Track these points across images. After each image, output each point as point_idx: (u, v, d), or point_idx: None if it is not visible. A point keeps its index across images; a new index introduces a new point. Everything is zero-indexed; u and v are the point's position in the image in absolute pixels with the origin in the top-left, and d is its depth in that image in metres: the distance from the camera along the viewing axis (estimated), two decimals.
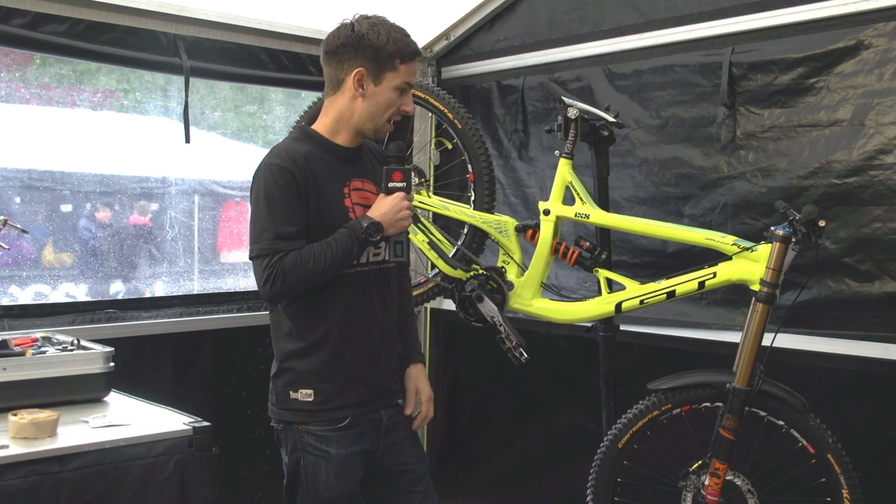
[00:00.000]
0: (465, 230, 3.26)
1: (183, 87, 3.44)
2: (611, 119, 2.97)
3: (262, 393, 2.44)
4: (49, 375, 2.45)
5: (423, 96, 3.23)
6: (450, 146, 3.66)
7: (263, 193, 2.20)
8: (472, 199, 3.22)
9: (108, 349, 2.58)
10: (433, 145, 4.04)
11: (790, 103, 3.12)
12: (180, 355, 3.56)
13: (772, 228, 2.56)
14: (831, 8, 2.99)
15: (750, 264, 2.62)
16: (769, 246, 2.56)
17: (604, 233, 3.06)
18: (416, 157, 4.07)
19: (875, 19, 2.92)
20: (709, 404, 2.70)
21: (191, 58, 3.45)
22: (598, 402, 3.22)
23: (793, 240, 2.53)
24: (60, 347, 2.62)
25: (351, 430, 2.31)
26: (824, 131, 3.04)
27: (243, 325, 3.74)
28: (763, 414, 2.63)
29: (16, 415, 2.14)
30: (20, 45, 3.18)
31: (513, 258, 3.11)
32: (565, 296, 3.13)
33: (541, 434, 3.96)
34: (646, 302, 2.82)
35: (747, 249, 2.64)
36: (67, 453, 2.06)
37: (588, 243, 2.98)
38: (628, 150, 3.53)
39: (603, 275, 2.95)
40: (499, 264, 3.14)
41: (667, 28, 3.41)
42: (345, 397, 2.30)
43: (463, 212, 3.22)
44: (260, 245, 2.18)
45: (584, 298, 3.06)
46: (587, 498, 2.87)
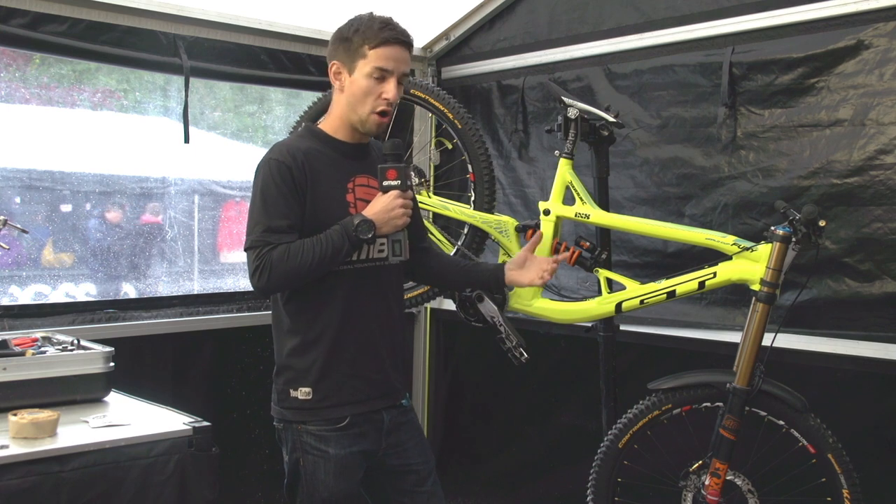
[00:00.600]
0: (465, 230, 3.26)
1: (183, 87, 3.44)
2: (611, 119, 2.97)
3: (261, 393, 2.45)
4: (49, 375, 2.44)
5: (423, 96, 3.23)
6: (450, 146, 3.66)
7: (260, 187, 2.24)
8: (472, 199, 3.22)
9: (108, 349, 2.58)
10: (433, 145, 4.04)
11: (791, 103, 3.12)
12: (180, 355, 3.56)
13: (772, 228, 2.56)
14: (831, 8, 2.99)
15: (750, 264, 2.62)
16: (769, 246, 2.56)
17: (604, 233, 3.06)
18: (416, 157, 4.07)
19: (875, 19, 2.92)
20: (709, 404, 2.70)
21: (191, 58, 3.45)
22: (598, 402, 3.22)
23: (793, 240, 2.53)
24: (60, 347, 2.62)
25: (350, 430, 2.31)
26: (825, 131, 3.04)
27: (243, 325, 3.74)
28: (763, 414, 2.63)
29: (16, 415, 2.14)
30: (20, 45, 3.18)
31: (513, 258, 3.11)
32: (565, 296, 3.13)
33: (541, 434, 3.96)
34: (646, 302, 2.82)
35: (747, 249, 2.64)
36: (67, 453, 2.06)
37: (588, 243, 2.98)
38: (629, 150, 3.53)
39: (603, 275, 2.95)
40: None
41: (667, 28, 3.41)
42: (343, 394, 2.30)
43: (463, 212, 3.22)
44: (252, 237, 2.22)
45: (584, 298, 3.06)
46: (587, 498, 2.87)
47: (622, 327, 3.22)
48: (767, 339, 2.58)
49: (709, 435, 2.66)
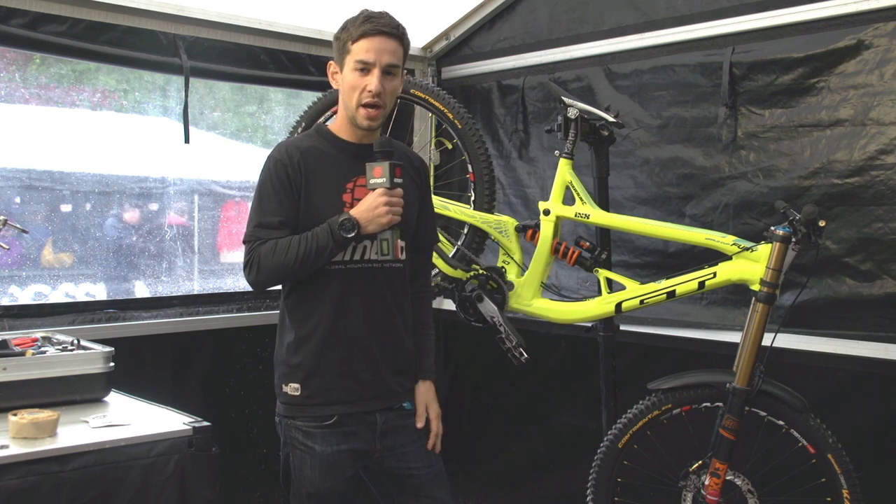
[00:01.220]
0: (465, 230, 3.26)
1: (182, 87, 3.44)
2: (611, 119, 2.97)
3: (260, 392, 2.46)
4: (49, 375, 2.44)
5: (423, 96, 3.22)
6: (450, 146, 3.66)
7: (259, 184, 2.32)
8: (472, 199, 3.22)
9: (108, 349, 2.58)
10: (433, 145, 4.04)
11: (791, 103, 3.12)
12: (180, 355, 3.56)
13: (772, 228, 2.56)
14: (832, 8, 2.99)
15: (750, 264, 2.62)
16: (769, 246, 2.56)
17: (604, 233, 3.06)
18: None
19: (876, 19, 2.92)
20: (709, 404, 2.70)
21: (191, 58, 3.45)
22: (598, 402, 3.22)
23: (793, 240, 2.53)
24: (60, 347, 2.62)
25: (339, 428, 2.31)
26: (825, 131, 3.04)
27: (243, 325, 3.73)
28: (763, 414, 2.63)
29: (16, 415, 2.14)
30: (20, 45, 3.18)
31: (513, 258, 3.11)
32: (565, 296, 3.13)
33: (541, 434, 3.96)
34: (646, 302, 2.82)
35: (747, 249, 2.64)
36: (67, 453, 2.06)
37: (588, 243, 2.98)
38: (630, 150, 3.53)
39: (603, 275, 2.95)
40: (499, 264, 3.14)
41: (667, 28, 3.41)
42: (331, 394, 2.31)
43: (463, 212, 3.22)
44: (246, 232, 2.29)
45: (584, 298, 3.06)
46: (587, 498, 2.87)
47: (622, 327, 3.22)
48: (767, 339, 2.58)
49: (709, 435, 2.66)
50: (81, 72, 3.87)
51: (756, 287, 2.57)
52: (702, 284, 2.73)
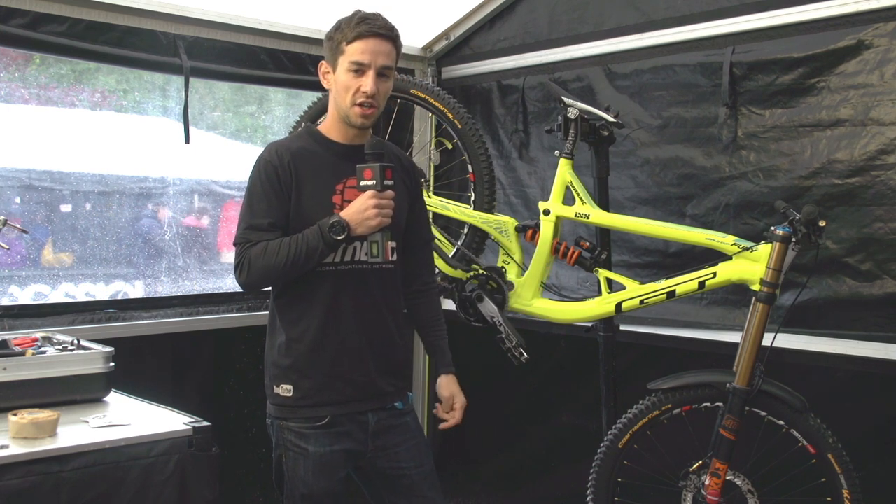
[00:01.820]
0: (465, 230, 3.26)
1: (182, 87, 3.43)
2: (611, 119, 2.97)
3: (259, 392, 2.45)
4: (49, 375, 2.44)
5: (423, 96, 3.22)
6: (450, 146, 3.66)
7: (249, 186, 2.32)
8: (472, 199, 3.22)
9: (108, 349, 2.58)
10: (433, 145, 4.04)
11: (791, 103, 3.12)
12: (180, 355, 3.56)
13: (772, 228, 2.56)
14: (832, 8, 2.99)
15: (750, 264, 2.62)
16: (769, 246, 2.56)
17: (604, 233, 3.06)
18: (416, 157, 4.06)
19: (876, 19, 2.92)
20: (709, 404, 2.70)
21: (191, 58, 3.45)
22: (598, 402, 3.22)
23: (793, 240, 2.53)
24: (60, 347, 2.62)
25: (331, 428, 2.31)
26: (826, 131, 3.04)
27: (243, 325, 3.74)
28: (763, 414, 2.63)
29: (16, 415, 2.14)
30: (20, 45, 3.18)
31: (513, 258, 3.11)
32: (565, 296, 3.13)
33: (541, 434, 3.96)
34: (646, 302, 2.82)
35: (747, 249, 2.64)
36: (67, 453, 2.06)
37: (588, 243, 2.98)
38: (630, 150, 3.53)
39: (603, 275, 2.95)
40: (499, 264, 3.14)
41: (667, 28, 3.41)
42: (323, 395, 2.31)
43: (463, 212, 3.22)
44: (237, 234, 2.29)
45: (584, 298, 3.06)
46: (587, 498, 2.87)
47: (622, 327, 3.22)
48: (767, 339, 2.58)
49: (709, 435, 2.66)
50: (81, 72, 3.87)
51: (756, 287, 2.57)
52: (702, 284, 2.73)
